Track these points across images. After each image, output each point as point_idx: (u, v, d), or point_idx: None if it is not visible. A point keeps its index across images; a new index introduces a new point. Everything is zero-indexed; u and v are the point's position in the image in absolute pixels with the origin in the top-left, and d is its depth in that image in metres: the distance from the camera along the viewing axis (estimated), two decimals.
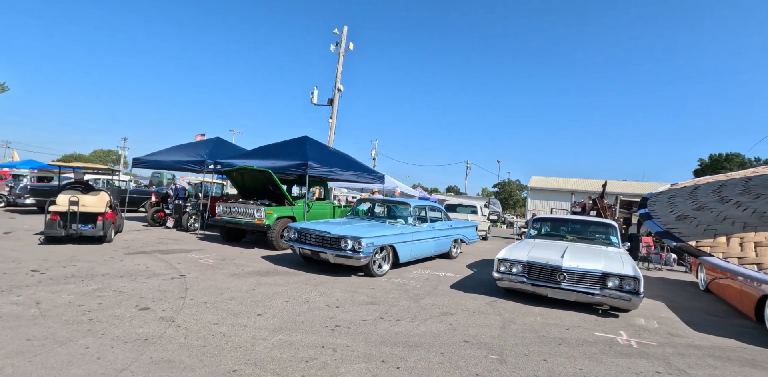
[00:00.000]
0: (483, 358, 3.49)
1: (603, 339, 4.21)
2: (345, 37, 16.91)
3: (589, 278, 5.07)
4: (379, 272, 6.59)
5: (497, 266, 5.63)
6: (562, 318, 4.89)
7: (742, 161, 61.70)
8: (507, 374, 3.21)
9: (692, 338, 4.45)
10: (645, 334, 4.46)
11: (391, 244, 6.75)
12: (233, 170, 9.02)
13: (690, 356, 3.87)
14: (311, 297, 5.09)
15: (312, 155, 9.23)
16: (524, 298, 5.68)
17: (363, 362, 3.26)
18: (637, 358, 3.71)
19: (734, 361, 3.81)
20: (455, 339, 3.91)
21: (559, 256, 5.32)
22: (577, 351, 3.78)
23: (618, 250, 6.15)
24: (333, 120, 16.59)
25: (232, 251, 8.11)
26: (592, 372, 3.33)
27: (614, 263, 5.10)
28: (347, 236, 6.19)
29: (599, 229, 6.93)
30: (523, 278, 5.42)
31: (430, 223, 8.03)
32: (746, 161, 61.51)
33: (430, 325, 4.29)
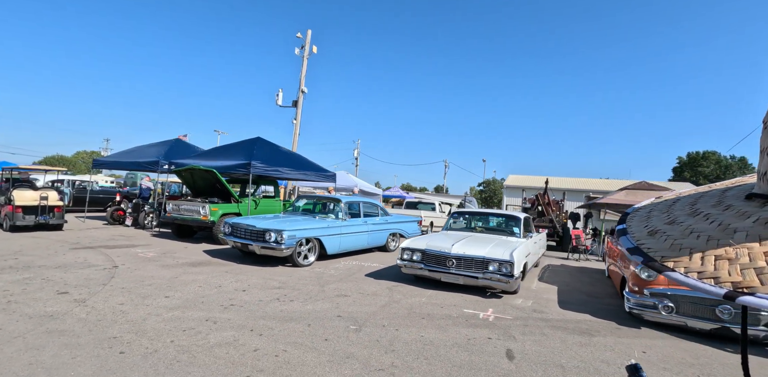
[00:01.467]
0: (343, 328, 4.08)
1: (467, 314, 4.83)
2: (309, 40, 17.46)
3: (473, 263, 5.69)
4: (305, 263, 7.16)
5: (401, 254, 6.24)
6: (446, 299, 5.50)
7: (718, 158, 63.30)
8: (353, 339, 3.80)
9: (551, 314, 5.08)
10: (510, 311, 5.08)
11: (316, 237, 7.32)
12: (182, 169, 9.53)
13: (531, 327, 4.49)
14: (225, 283, 5.64)
15: (258, 155, 9.76)
16: (424, 283, 6.29)
17: (233, 330, 3.84)
18: (482, 328, 4.33)
19: (569, 330, 4.44)
20: (330, 315, 4.49)
21: (450, 244, 5.94)
22: (432, 324, 4.39)
23: (517, 239, 6.79)
24: (297, 121, 17.11)
25: (178, 246, 8.62)
26: (431, 338, 3.93)
27: (498, 250, 5.72)
28: (271, 230, 6.75)
29: (505, 221, 7.60)
30: (421, 265, 6.03)
31: (362, 218, 8.61)
32: (722, 158, 63.13)
33: (317, 304, 4.87)
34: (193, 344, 3.48)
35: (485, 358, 3.50)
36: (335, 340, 3.74)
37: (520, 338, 4.08)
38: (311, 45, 17.44)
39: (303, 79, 17.19)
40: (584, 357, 3.65)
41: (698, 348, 4.11)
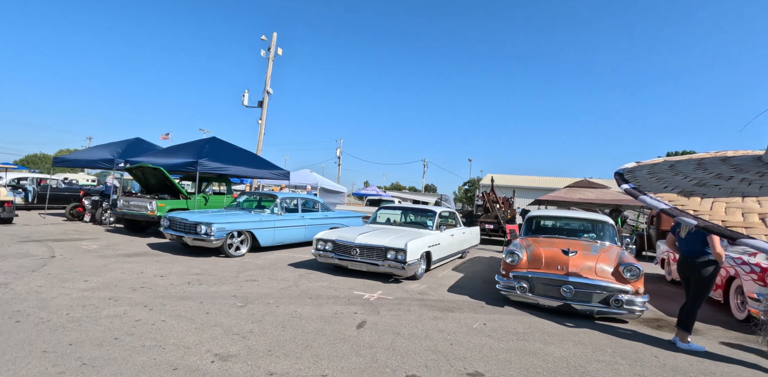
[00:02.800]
0: (230, 305, 4.67)
1: (354, 296, 5.44)
2: (274, 42, 17.98)
3: (375, 252, 6.31)
4: (236, 254, 7.73)
5: (315, 244, 6.84)
6: (347, 283, 6.11)
7: None
8: (232, 313, 4.39)
9: (433, 296, 5.71)
10: (397, 293, 5.71)
11: (248, 230, 7.90)
12: (133, 167, 10.04)
13: (403, 305, 5.12)
14: (148, 270, 6.19)
15: (208, 153, 10.30)
16: (337, 271, 6.90)
17: (128, 306, 4.40)
18: (356, 306, 4.94)
19: (435, 308, 5.07)
20: (227, 295, 5.08)
21: (357, 235, 6.56)
22: (314, 302, 4.99)
23: (429, 231, 7.42)
24: (263, 121, 17.63)
25: (125, 240, 9.13)
26: (302, 313, 4.54)
27: (398, 240, 6.34)
28: (201, 222, 7.32)
29: (421, 215, 8.25)
30: (332, 254, 6.64)
31: (300, 213, 9.20)
32: None
33: (221, 287, 5.46)
34: (85, 316, 4.04)
35: (336, 327, 4.11)
36: (215, 313, 4.33)
37: (384, 313, 4.71)
38: (276, 47, 17.95)
39: (268, 80, 17.71)
40: (426, 327, 4.28)
41: (537, 321, 4.77)
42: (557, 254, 5.16)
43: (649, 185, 0.77)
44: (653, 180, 0.82)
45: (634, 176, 0.86)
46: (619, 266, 4.89)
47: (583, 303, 4.87)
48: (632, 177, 0.86)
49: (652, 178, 0.83)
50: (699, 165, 0.82)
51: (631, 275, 4.78)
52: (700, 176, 0.77)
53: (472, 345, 3.82)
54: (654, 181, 0.80)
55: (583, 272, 4.91)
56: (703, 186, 0.68)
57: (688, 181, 0.75)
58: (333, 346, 3.60)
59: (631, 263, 4.83)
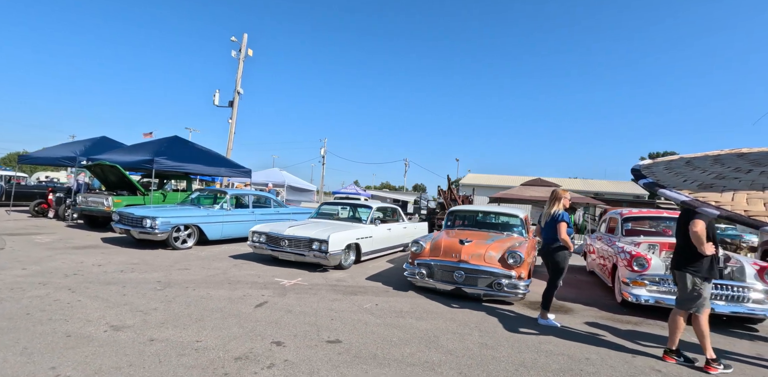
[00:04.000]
0: (150, 289, 5.14)
1: (273, 282, 5.94)
2: (245, 44, 18.40)
3: (302, 243, 6.82)
4: (182, 247, 8.19)
5: (251, 236, 7.33)
6: (274, 272, 6.61)
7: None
8: (149, 295, 4.87)
9: (348, 283, 6.23)
10: (316, 280, 6.22)
11: (195, 224, 8.36)
12: (91, 165, 10.43)
13: (313, 289, 5.63)
14: (90, 261, 6.63)
15: (166, 152, 10.72)
16: (273, 262, 7.39)
17: (53, 289, 4.86)
18: (268, 290, 5.44)
19: (342, 292, 5.59)
20: (152, 281, 5.55)
21: (286, 228, 7.06)
22: (231, 287, 5.49)
23: (362, 225, 7.95)
24: (233, 120, 18.04)
25: (81, 234, 9.53)
26: (213, 294, 5.03)
27: (323, 232, 6.85)
28: (147, 216, 7.77)
29: (358, 211, 8.79)
30: (265, 245, 7.14)
31: (250, 209, 9.68)
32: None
33: (151, 275, 5.92)
34: (9, 296, 4.50)
35: (237, 306, 4.61)
36: (131, 295, 4.81)
37: (290, 296, 5.22)
38: (247, 48, 18.37)
39: (239, 80, 18.12)
40: (319, 307, 4.80)
41: (426, 302, 5.32)
42: (454, 244, 5.72)
43: (668, 180, 0.78)
44: (671, 175, 0.82)
45: (651, 172, 0.87)
46: (505, 253, 5.46)
47: (472, 286, 5.43)
48: (649, 172, 0.87)
49: (670, 173, 0.84)
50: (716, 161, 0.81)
51: (514, 261, 5.34)
52: (718, 170, 0.77)
53: (350, 321, 4.35)
54: (672, 175, 0.81)
55: (473, 260, 5.46)
56: (723, 179, 0.69)
57: (707, 175, 0.75)
58: (222, 320, 4.10)
59: (515, 251, 5.39)
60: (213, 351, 3.35)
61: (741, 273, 5.06)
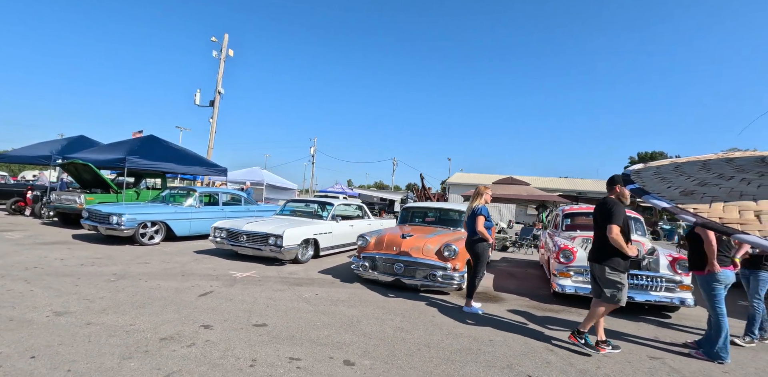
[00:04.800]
0: (103, 280, 5.43)
1: (227, 274, 6.25)
2: (226, 44, 18.63)
3: (259, 238, 7.14)
4: (149, 243, 8.48)
5: (212, 232, 7.64)
6: (232, 265, 6.92)
7: (665, 157, 67.77)
8: (100, 285, 5.16)
9: (299, 275, 6.56)
10: (269, 273, 6.54)
11: (162, 220, 8.65)
12: (65, 163, 10.67)
13: (262, 281, 5.96)
14: (54, 255, 6.90)
15: (140, 151, 10.98)
16: (233, 256, 7.70)
17: (9, 280, 5.14)
18: (218, 281, 5.76)
19: (289, 284, 5.92)
20: (107, 273, 5.84)
21: (245, 224, 7.38)
22: (184, 278, 5.79)
23: (322, 221, 8.27)
24: (214, 120, 18.28)
25: (52, 231, 9.78)
26: (161, 284, 5.33)
27: (279, 228, 7.17)
28: (113, 213, 8.05)
29: (319, 207, 9.13)
30: (226, 240, 7.45)
31: (220, 206, 9.98)
32: (669, 157, 67.84)
33: (109, 268, 6.21)
34: None
35: (182, 295, 4.92)
36: (83, 286, 5.11)
37: (237, 286, 5.54)
38: (228, 48, 18.61)
39: (220, 80, 18.35)
40: (260, 296, 5.13)
41: (365, 292, 5.66)
42: (396, 238, 6.07)
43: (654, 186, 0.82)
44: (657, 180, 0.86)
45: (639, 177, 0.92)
46: (442, 246, 5.81)
47: (410, 277, 5.79)
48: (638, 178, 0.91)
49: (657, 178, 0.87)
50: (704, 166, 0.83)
51: (449, 254, 5.70)
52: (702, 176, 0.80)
53: (284, 308, 4.68)
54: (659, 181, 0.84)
55: (412, 252, 5.81)
56: (705, 186, 0.71)
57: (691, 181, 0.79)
58: (162, 308, 4.42)
59: (450, 244, 5.75)
60: (142, 332, 3.67)
61: (656, 264, 5.45)
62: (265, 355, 3.34)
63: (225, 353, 3.33)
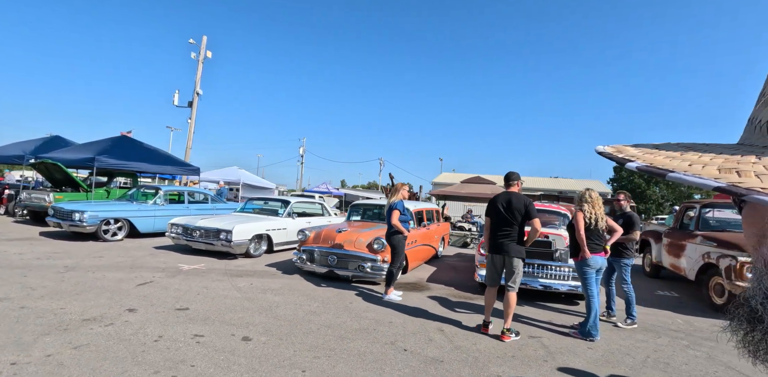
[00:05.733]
0: (53, 272, 5.82)
1: (175, 266, 6.65)
2: (204, 46, 18.97)
3: (211, 233, 7.55)
4: (112, 239, 8.85)
5: (169, 228, 8.03)
6: (182, 259, 7.32)
7: None
8: (49, 277, 5.55)
9: (246, 268, 6.97)
10: (216, 266, 6.95)
11: (125, 217, 9.03)
12: (36, 163, 11.01)
13: (206, 272, 6.36)
14: (14, 250, 7.26)
15: (110, 151, 11.34)
16: (191, 252, 8.09)
17: None
18: (164, 273, 6.16)
19: (230, 275, 6.33)
20: (59, 266, 6.22)
21: (199, 220, 7.78)
22: (132, 270, 6.19)
23: (277, 218, 8.69)
24: (192, 120, 18.62)
25: (21, 229, 10.11)
26: (106, 275, 5.73)
27: (230, 224, 7.58)
28: (76, 210, 8.42)
29: (276, 205, 9.55)
30: (181, 236, 7.85)
31: (185, 204, 10.36)
32: None
33: (62, 261, 6.59)
34: None
35: (122, 284, 5.32)
36: (31, 277, 5.49)
37: (179, 277, 5.95)
38: (206, 50, 18.95)
39: (198, 81, 18.70)
40: (196, 285, 5.54)
41: (300, 283, 6.09)
42: (331, 232, 6.50)
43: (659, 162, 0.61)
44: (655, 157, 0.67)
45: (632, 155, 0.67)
46: (372, 240, 6.24)
47: (343, 269, 6.22)
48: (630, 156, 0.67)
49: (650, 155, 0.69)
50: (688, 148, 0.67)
51: (378, 246, 6.14)
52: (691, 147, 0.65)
53: (213, 296, 5.10)
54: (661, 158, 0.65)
55: (345, 245, 6.25)
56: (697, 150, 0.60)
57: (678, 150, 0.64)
58: (98, 295, 4.82)
59: (379, 238, 6.18)
60: (69, 315, 4.07)
61: (567, 255, 5.91)
62: (173, 332, 3.75)
63: (137, 331, 3.75)
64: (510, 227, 4.26)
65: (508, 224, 4.25)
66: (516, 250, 4.25)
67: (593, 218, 4.45)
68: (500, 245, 4.30)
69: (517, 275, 4.26)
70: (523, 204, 4.24)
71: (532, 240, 4.32)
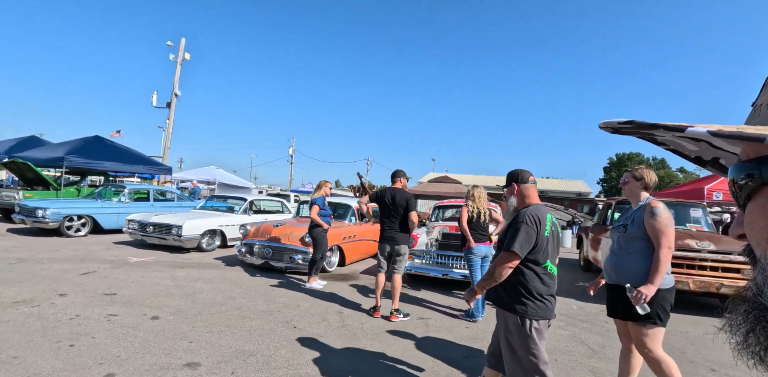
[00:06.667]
0: (5, 263, 6.28)
1: (123, 260, 7.12)
2: (182, 48, 19.41)
3: (163, 229, 8.02)
4: (75, 235, 9.31)
5: (126, 224, 8.50)
6: (136, 253, 7.80)
7: (642, 159, 69.25)
8: (2, 265, 6.02)
9: (193, 261, 7.45)
10: (164, 258, 7.43)
11: (89, 214, 9.48)
12: (7, 162, 11.44)
13: (150, 264, 6.84)
14: None
15: (79, 150, 11.79)
16: (148, 246, 8.56)
17: None
18: (110, 264, 6.63)
19: (171, 267, 6.81)
20: (12, 258, 6.67)
21: (153, 216, 8.26)
22: (82, 262, 6.65)
23: (233, 214, 9.17)
24: (170, 121, 19.06)
25: None
26: (58, 267, 6.19)
27: (181, 220, 8.05)
28: (39, 207, 8.87)
29: (234, 202, 10.05)
30: (137, 231, 8.33)
31: (150, 202, 10.83)
32: (645, 159, 69.27)
33: (19, 254, 7.04)
34: None
35: (66, 274, 5.79)
36: None
37: (123, 268, 6.42)
38: (184, 52, 19.39)
39: (176, 83, 19.13)
40: (134, 275, 6.01)
41: (237, 274, 6.57)
42: (269, 227, 7.00)
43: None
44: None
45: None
46: (304, 234, 6.74)
47: (277, 261, 6.72)
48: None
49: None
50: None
51: (308, 240, 6.62)
52: None
53: (147, 284, 5.57)
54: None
55: (281, 239, 6.74)
56: None
57: None
58: (38, 282, 5.29)
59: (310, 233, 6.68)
60: (2, 298, 4.55)
61: None
62: (90, 312, 4.24)
63: (59, 311, 4.23)
64: (394, 219, 4.77)
65: (393, 216, 4.77)
66: (401, 238, 4.78)
67: (475, 212, 4.98)
68: (387, 235, 4.83)
69: (402, 261, 4.78)
70: (405, 199, 4.76)
71: (413, 230, 4.82)
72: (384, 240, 4.84)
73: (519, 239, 2.14)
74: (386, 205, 4.86)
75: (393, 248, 4.80)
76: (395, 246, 4.78)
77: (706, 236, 5.83)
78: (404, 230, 4.81)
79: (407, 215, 4.77)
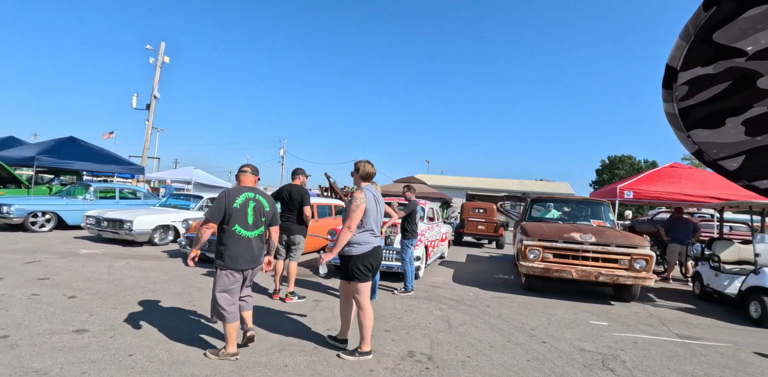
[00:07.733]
0: None
1: (72, 252, 7.72)
2: (162, 51, 20.03)
3: (117, 223, 8.63)
4: (40, 230, 9.90)
5: (84, 220, 9.11)
6: (89, 246, 8.40)
7: (633, 162, 69.84)
8: None
9: (141, 253, 8.05)
10: (114, 251, 8.02)
11: (53, 211, 10.08)
12: None
13: (98, 256, 7.44)
14: None
15: (51, 150, 12.40)
16: (105, 241, 9.16)
17: None
18: (57, 256, 7.22)
19: (117, 258, 7.41)
20: None
21: (108, 211, 8.87)
22: (31, 253, 7.24)
23: (186, 211, 9.77)
24: (150, 122, 19.68)
25: None
26: (9, 257, 6.79)
27: (132, 215, 8.65)
28: (3, 204, 9.47)
29: (190, 200, 10.66)
30: (94, 226, 8.93)
31: (116, 199, 11.43)
32: (636, 162, 69.92)
33: None
34: None
35: (13, 263, 6.37)
36: None
37: (68, 259, 7.02)
38: (164, 55, 20.02)
39: (156, 85, 19.74)
40: (76, 265, 6.61)
41: (173, 265, 7.17)
42: None
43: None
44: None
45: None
46: None
47: (212, 252, 7.31)
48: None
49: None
50: None
51: None
52: None
53: (83, 272, 6.17)
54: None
55: None
56: None
57: None
58: None
59: None
60: None
61: (393, 240, 7.03)
62: (17, 293, 4.84)
63: None
64: (291, 212, 5.39)
65: (290, 210, 5.39)
66: (297, 229, 5.39)
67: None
68: (284, 225, 5.40)
69: (297, 249, 5.40)
70: (300, 194, 5.37)
71: (308, 222, 5.43)
72: (281, 230, 5.43)
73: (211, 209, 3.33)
74: (284, 200, 5.47)
75: (289, 237, 5.41)
76: (291, 236, 5.39)
77: (591, 230, 6.45)
78: (300, 222, 5.42)
79: (302, 209, 5.38)
